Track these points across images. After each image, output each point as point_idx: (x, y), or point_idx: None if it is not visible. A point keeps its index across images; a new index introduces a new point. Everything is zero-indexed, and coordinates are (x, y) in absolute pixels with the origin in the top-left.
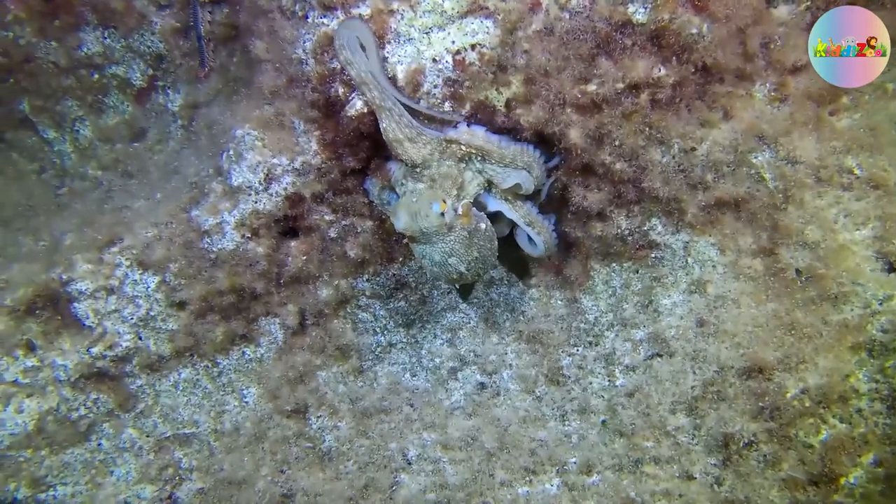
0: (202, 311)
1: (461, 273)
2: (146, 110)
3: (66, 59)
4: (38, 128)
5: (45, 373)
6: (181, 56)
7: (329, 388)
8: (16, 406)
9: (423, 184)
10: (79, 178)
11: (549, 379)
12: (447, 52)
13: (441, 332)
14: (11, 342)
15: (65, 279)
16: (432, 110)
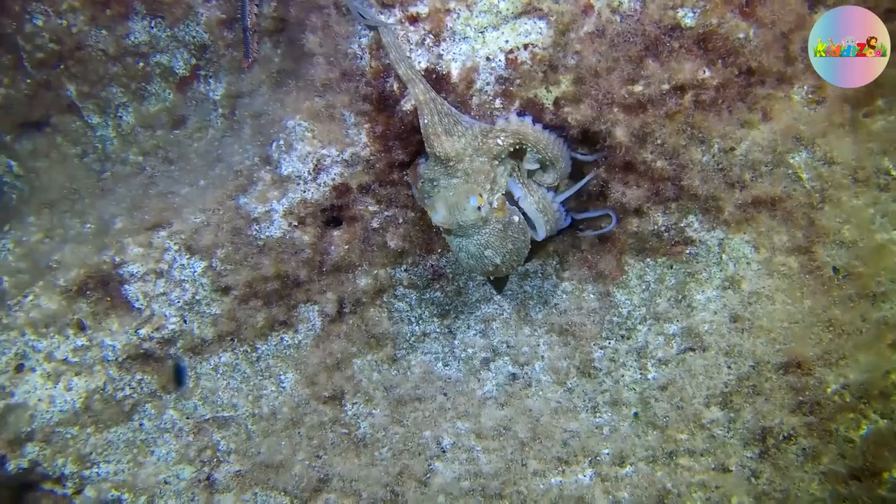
0: (246, 296)
1: (496, 265)
2: (187, 99)
3: (115, 47)
4: (83, 113)
5: (93, 352)
6: (224, 47)
7: (364, 375)
8: (65, 384)
9: (457, 178)
10: (120, 162)
11: (580, 371)
12: (501, 50)
13: (475, 322)
14: (63, 321)
15: (117, 261)
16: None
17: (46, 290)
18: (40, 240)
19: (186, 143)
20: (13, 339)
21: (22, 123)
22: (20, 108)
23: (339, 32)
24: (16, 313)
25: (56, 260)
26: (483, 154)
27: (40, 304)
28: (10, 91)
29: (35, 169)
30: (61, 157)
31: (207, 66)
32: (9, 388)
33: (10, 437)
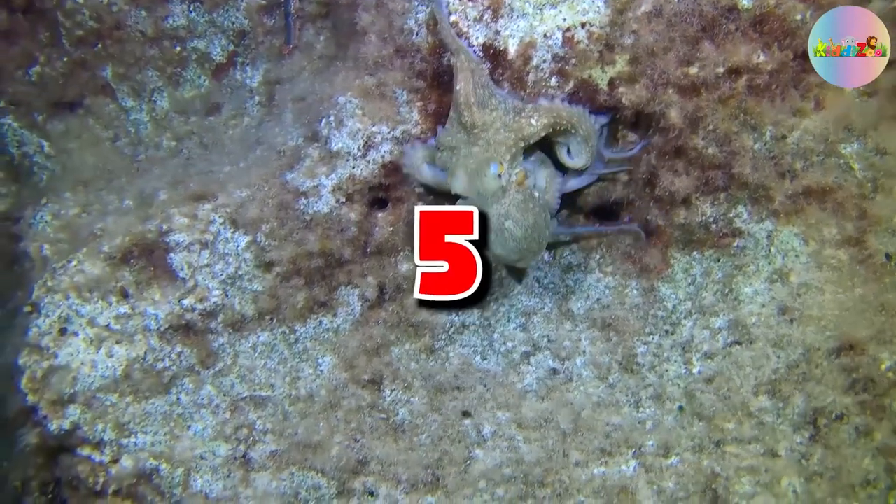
0: (289, 273)
1: (517, 239)
2: (222, 86)
3: (153, 29)
4: (118, 95)
5: (135, 321)
6: (264, 33)
7: (402, 364)
8: (107, 350)
9: (478, 147)
10: (153, 147)
11: (622, 367)
12: (558, 28)
13: (515, 316)
14: (106, 288)
15: (164, 229)
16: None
17: (90, 256)
18: (77, 214)
19: (221, 129)
20: (57, 301)
21: (56, 103)
22: (55, 88)
23: (394, 9)
24: (60, 277)
25: (100, 228)
26: (511, 131)
27: (84, 269)
28: (46, 69)
29: (67, 150)
30: (94, 140)
31: (245, 53)
32: (53, 349)
33: (53, 398)
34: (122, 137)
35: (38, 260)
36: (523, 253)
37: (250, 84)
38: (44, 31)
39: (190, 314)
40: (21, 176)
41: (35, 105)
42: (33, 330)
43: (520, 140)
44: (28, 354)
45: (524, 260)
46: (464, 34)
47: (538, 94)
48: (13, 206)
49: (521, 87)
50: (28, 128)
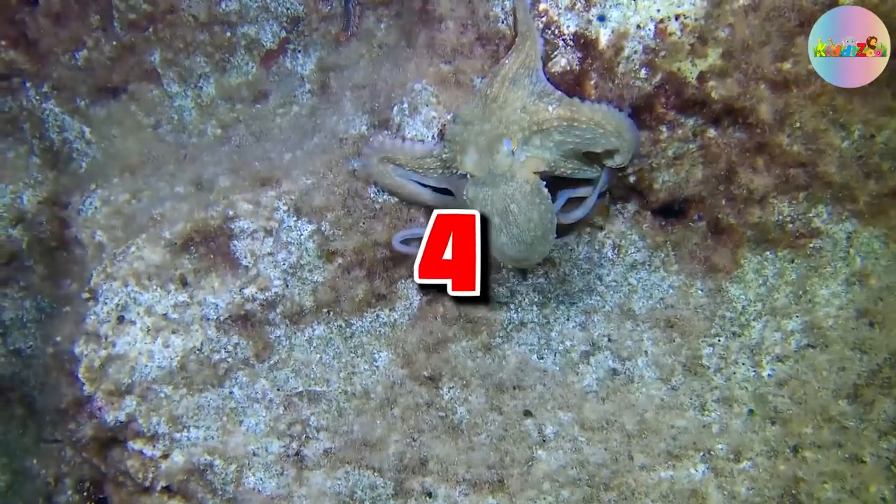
0: (351, 264)
1: (520, 226)
2: (270, 73)
3: (206, 13)
4: (163, 81)
5: (193, 310)
6: (319, 20)
7: (459, 361)
8: (164, 340)
9: (489, 124)
10: (197, 134)
11: (686, 369)
12: (652, 19)
13: (575, 314)
14: (166, 275)
15: (230, 215)
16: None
17: (150, 243)
18: (128, 200)
19: (268, 117)
20: (116, 288)
21: (100, 88)
22: (102, 73)
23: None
24: (119, 263)
25: (158, 213)
26: (527, 113)
27: (144, 255)
28: (94, 53)
29: (108, 136)
30: (136, 126)
31: (298, 40)
32: (111, 337)
33: (110, 388)
34: (164, 124)
35: (91, 246)
36: (524, 247)
37: (301, 72)
38: (94, 15)
39: (250, 304)
40: (59, 163)
41: (79, 90)
42: (91, 317)
43: (533, 124)
44: (86, 343)
45: (524, 254)
46: (554, 22)
47: (626, 85)
48: (52, 194)
49: (610, 78)
50: (70, 113)
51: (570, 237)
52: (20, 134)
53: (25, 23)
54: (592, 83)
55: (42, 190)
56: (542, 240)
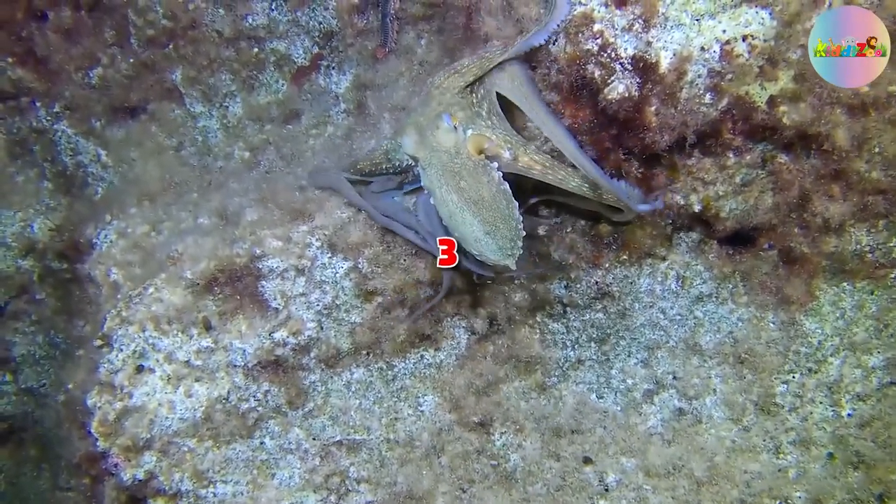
0: (391, 304)
1: (475, 202)
2: (302, 91)
3: (232, 28)
4: (186, 100)
5: (218, 356)
6: (354, 35)
7: (511, 403)
8: (186, 389)
9: (429, 107)
10: (223, 157)
11: (759, 407)
12: (717, 41)
13: (637, 350)
14: (188, 319)
15: (258, 253)
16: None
17: (170, 283)
18: (147, 232)
19: (301, 139)
20: (132, 334)
21: (116, 108)
22: (118, 92)
23: (526, 14)
24: (136, 306)
25: (178, 250)
26: (464, 97)
27: (163, 297)
28: (109, 71)
29: (126, 159)
30: (156, 148)
31: (332, 56)
32: (128, 388)
33: (127, 443)
34: (187, 146)
35: (106, 285)
36: (488, 225)
37: (336, 90)
38: (109, 30)
39: (281, 349)
40: (73, 188)
41: (94, 110)
42: (105, 366)
43: (472, 103)
44: (99, 393)
45: (495, 237)
46: (610, 44)
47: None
48: (66, 222)
49: (672, 104)
50: (84, 135)
51: (630, 269)
52: (30, 157)
53: (34, 39)
54: (653, 109)
55: (55, 217)
56: (499, 222)
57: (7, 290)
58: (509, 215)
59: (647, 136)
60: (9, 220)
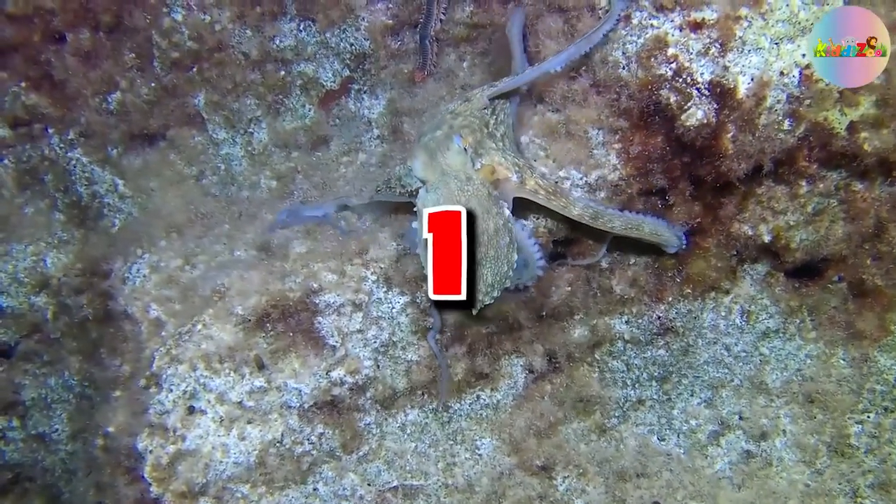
0: (450, 340)
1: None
2: (331, 116)
3: (259, 50)
4: (208, 126)
5: (271, 397)
6: (387, 57)
7: (571, 445)
8: (239, 432)
9: (440, 130)
10: (249, 187)
11: (833, 449)
12: (797, 65)
13: (700, 389)
14: (240, 357)
15: (314, 287)
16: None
17: (219, 319)
18: (181, 266)
19: (331, 166)
20: (183, 373)
21: (134, 135)
22: (138, 117)
23: (592, 38)
24: (185, 344)
25: (224, 284)
26: (475, 118)
27: (212, 334)
28: (129, 95)
29: (145, 189)
30: (176, 177)
31: (364, 80)
32: (181, 430)
33: (182, 489)
34: (208, 175)
35: (146, 321)
36: (484, 261)
37: (368, 115)
38: (128, 53)
39: (339, 388)
40: (88, 220)
41: (111, 137)
42: (155, 407)
43: (484, 125)
44: (150, 436)
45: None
46: (686, 69)
47: (767, 138)
48: (80, 256)
49: (750, 131)
50: (100, 163)
51: (694, 303)
52: (41, 187)
53: (51, 63)
54: (730, 136)
55: (68, 251)
56: (497, 261)
57: (18, 328)
58: (504, 257)
59: (723, 163)
60: (20, 255)
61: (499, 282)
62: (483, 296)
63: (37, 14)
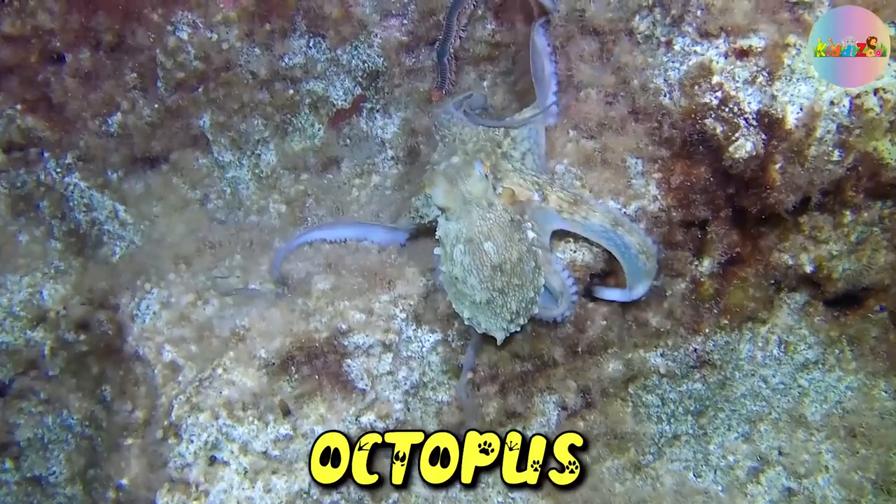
0: (482, 380)
1: (493, 267)
2: (341, 136)
3: (268, 69)
4: (214, 148)
5: (297, 445)
6: (402, 74)
7: (605, 485)
8: (265, 483)
9: (456, 157)
10: (256, 211)
11: (879, 487)
12: (847, 94)
13: (738, 423)
14: (265, 404)
15: (343, 328)
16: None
17: (241, 363)
18: (192, 302)
19: (344, 189)
20: (204, 423)
21: (135, 159)
22: (140, 140)
23: (631, 63)
24: (206, 391)
25: (244, 325)
26: (488, 140)
27: (234, 379)
28: (130, 117)
29: (147, 215)
30: (180, 202)
31: (377, 98)
32: (204, 485)
33: None
34: (213, 199)
35: (159, 364)
36: (494, 294)
37: (382, 135)
38: (130, 73)
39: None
40: (86, 248)
41: (111, 161)
42: (176, 460)
43: (496, 146)
44: (171, 492)
45: (497, 304)
46: (732, 98)
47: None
48: (78, 288)
49: (800, 162)
50: (99, 188)
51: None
52: (36, 213)
53: (49, 84)
54: (777, 168)
55: (66, 282)
56: (522, 290)
57: (14, 365)
58: (530, 283)
59: (770, 196)
60: (14, 286)
61: (524, 309)
62: (508, 324)
63: (34, 34)
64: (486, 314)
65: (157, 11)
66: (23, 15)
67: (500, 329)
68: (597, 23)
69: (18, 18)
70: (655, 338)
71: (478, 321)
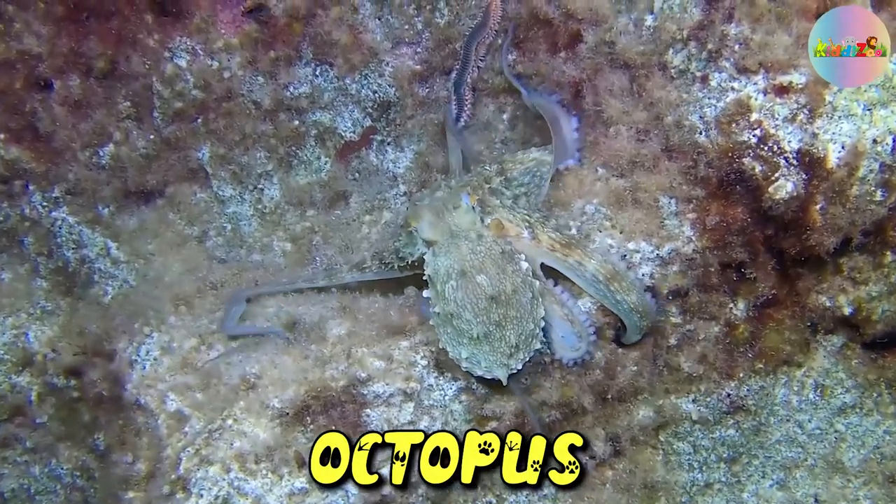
0: (508, 429)
1: (490, 298)
2: (349, 169)
3: (272, 99)
4: (213, 182)
5: (313, 498)
6: (415, 105)
7: None
8: None
9: (440, 191)
10: (260, 249)
11: None
12: (890, 132)
13: (772, 470)
14: (279, 456)
15: (363, 377)
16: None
17: (252, 413)
18: (195, 347)
19: (353, 226)
20: (215, 476)
21: (128, 193)
22: (134, 173)
23: (664, 98)
24: (216, 442)
25: (255, 373)
26: (473, 175)
27: (245, 430)
28: (123, 149)
29: (142, 253)
30: (177, 239)
31: (388, 130)
32: None
33: None
34: (213, 236)
35: (163, 414)
36: (491, 327)
37: (393, 169)
38: (122, 101)
39: (388, 487)
40: (75, 287)
41: (102, 195)
42: None
43: (484, 181)
44: None
45: (492, 341)
46: (772, 136)
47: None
48: (65, 330)
49: (841, 203)
50: (89, 224)
51: (766, 379)
52: (19, 250)
53: (36, 113)
54: (818, 208)
55: (52, 323)
56: (521, 322)
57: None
58: (529, 315)
59: (810, 237)
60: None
61: (525, 342)
62: (508, 359)
63: (20, 59)
64: (484, 350)
65: (153, 36)
66: (7, 38)
67: (500, 366)
68: (627, 56)
69: (3, 42)
70: (688, 383)
71: (477, 360)
